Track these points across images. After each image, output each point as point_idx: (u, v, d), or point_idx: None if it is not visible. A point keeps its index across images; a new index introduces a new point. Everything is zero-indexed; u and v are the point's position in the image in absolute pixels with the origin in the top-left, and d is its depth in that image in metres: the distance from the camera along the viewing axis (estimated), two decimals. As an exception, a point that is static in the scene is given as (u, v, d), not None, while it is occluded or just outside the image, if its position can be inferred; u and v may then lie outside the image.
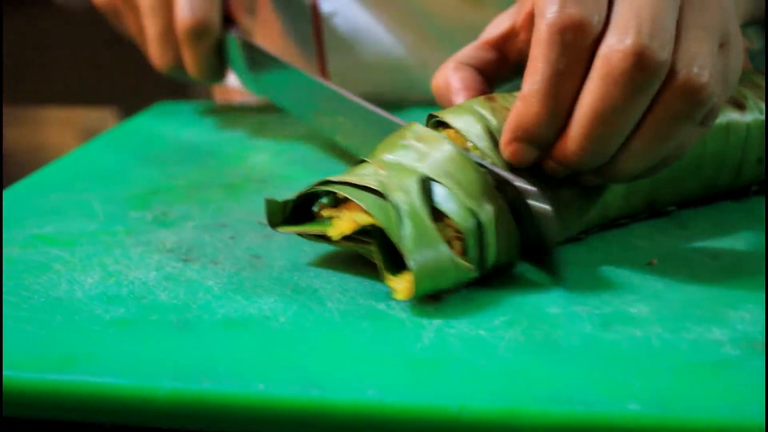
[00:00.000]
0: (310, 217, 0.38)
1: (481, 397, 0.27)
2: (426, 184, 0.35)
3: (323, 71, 0.67)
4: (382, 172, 0.36)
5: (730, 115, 0.42)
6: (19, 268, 0.38)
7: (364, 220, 0.35)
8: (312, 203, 0.39)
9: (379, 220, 0.34)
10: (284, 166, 0.52)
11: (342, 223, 0.36)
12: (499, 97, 0.39)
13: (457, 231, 0.34)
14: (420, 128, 0.38)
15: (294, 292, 0.35)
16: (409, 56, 0.66)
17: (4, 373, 0.29)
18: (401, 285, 0.34)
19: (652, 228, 0.41)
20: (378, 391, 0.28)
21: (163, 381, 0.29)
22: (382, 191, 0.35)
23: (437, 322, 0.32)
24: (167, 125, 0.63)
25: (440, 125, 0.39)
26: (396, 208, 0.34)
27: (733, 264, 0.37)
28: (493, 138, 0.37)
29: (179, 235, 0.41)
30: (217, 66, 0.60)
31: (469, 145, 0.37)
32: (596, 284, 0.35)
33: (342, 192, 0.36)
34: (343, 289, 0.35)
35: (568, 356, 0.30)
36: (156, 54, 0.59)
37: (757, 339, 0.30)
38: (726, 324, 0.32)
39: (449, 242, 0.34)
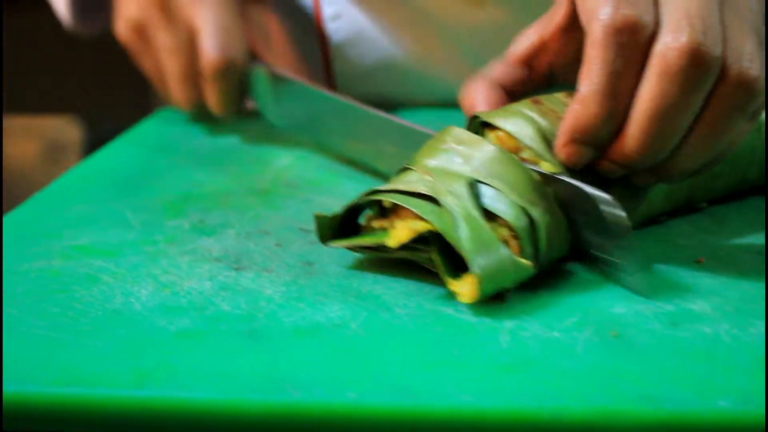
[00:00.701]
0: (356, 229, 0.38)
1: (573, 398, 0.28)
2: (474, 187, 0.35)
3: (328, 75, 0.67)
4: (428, 177, 0.36)
5: None
6: (67, 281, 0.37)
7: (421, 226, 0.35)
8: (357, 215, 0.39)
9: (437, 226, 0.34)
10: (311, 171, 0.52)
11: (399, 232, 0.36)
12: (545, 99, 0.40)
13: (511, 230, 0.35)
14: (459, 131, 0.38)
15: (357, 298, 0.35)
16: (412, 57, 0.66)
17: (80, 390, 0.29)
18: (465, 288, 0.34)
19: (691, 225, 0.42)
20: (472, 396, 0.28)
21: (248, 393, 0.28)
22: (434, 196, 0.35)
23: (509, 325, 0.32)
24: (177, 132, 0.62)
25: (485, 127, 0.39)
26: (450, 212, 0.34)
27: (779, 260, 0.38)
28: (546, 139, 0.37)
29: (222, 243, 0.41)
30: (239, 102, 0.59)
31: (522, 147, 0.37)
32: (652, 282, 0.36)
33: (395, 200, 0.36)
34: (406, 294, 0.35)
35: (645, 355, 0.30)
36: (178, 93, 0.59)
37: (823, 333, 0.31)
38: (788, 319, 0.32)
39: (505, 242, 0.34)
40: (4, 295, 0.35)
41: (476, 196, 0.35)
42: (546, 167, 0.37)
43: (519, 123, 0.38)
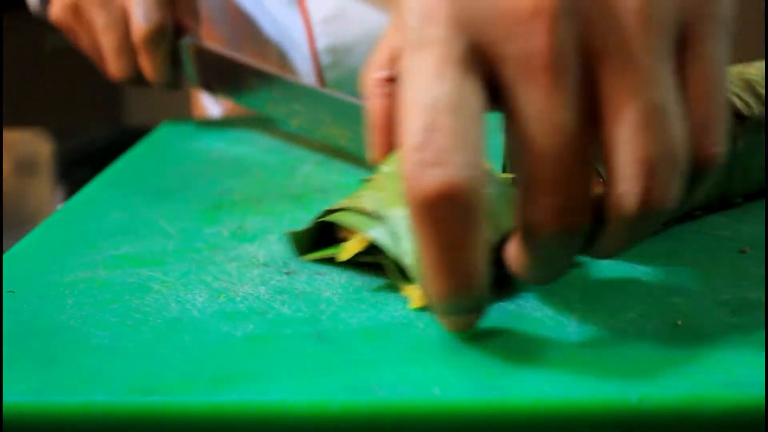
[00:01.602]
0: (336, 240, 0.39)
1: (657, 386, 0.28)
2: None
3: (314, 53, 0.69)
4: (380, 190, 0.36)
5: None
6: (118, 290, 0.37)
7: (369, 239, 0.36)
8: (334, 226, 0.39)
9: (377, 242, 0.35)
10: (336, 175, 0.52)
11: (350, 245, 0.37)
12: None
13: None
14: None
15: (417, 297, 0.35)
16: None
17: (157, 398, 0.29)
18: (416, 293, 0.34)
19: (728, 218, 0.42)
20: (554, 387, 0.28)
21: (331, 395, 0.28)
22: (377, 211, 0.35)
23: (574, 318, 0.33)
24: (191, 142, 0.62)
25: None
26: (393, 226, 0.34)
27: (821, 247, 0.38)
28: None
29: (266, 248, 0.41)
30: (174, 72, 0.64)
31: None
32: (703, 274, 0.36)
33: (337, 220, 0.37)
34: (465, 292, 0.35)
35: (716, 343, 0.31)
36: (115, 66, 0.64)
37: None
38: (844, 304, 0.33)
39: None
40: (53, 305, 0.35)
41: None
42: None
43: None
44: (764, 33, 0.41)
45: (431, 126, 0.26)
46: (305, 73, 0.71)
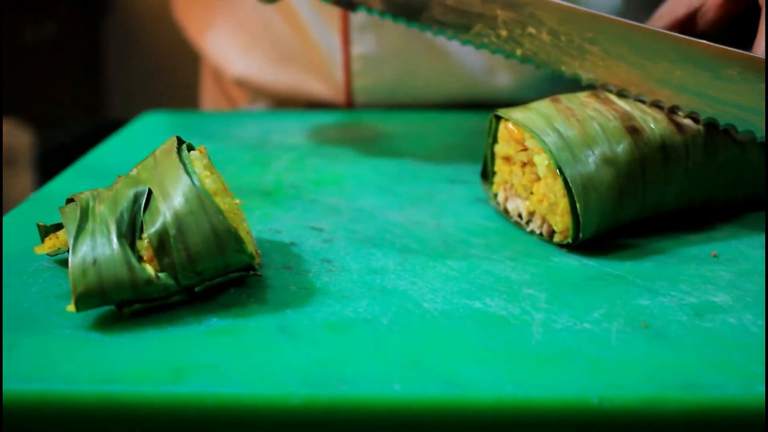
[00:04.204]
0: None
1: (617, 387, 0.28)
2: (140, 197, 0.34)
3: (347, 59, 0.66)
4: (104, 190, 0.36)
5: None
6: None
7: (59, 241, 0.37)
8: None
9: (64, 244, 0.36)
10: (310, 172, 0.52)
11: (45, 243, 0.37)
12: (564, 98, 0.40)
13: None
14: (167, 143, 0.36)
15: (383, 294, 0.35)
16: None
17: (120, 387, 0.28)
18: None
19: (702, 222, 0.42)
20: (516, 386, 0.28)
21: (292, 388, 0.28)
22: (84, 211, 0.34)
23: (539, 317, 0.33)
24: (167, 133, 0.61)
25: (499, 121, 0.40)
26: (90, 226, 0.34)
27: (788, 253, 0.39)
28: (557, 131, 0.38)
29: (236, 242, 0.40)
30: None
31: (527, 136, 0.39)
32: (671, 277, 0.36)
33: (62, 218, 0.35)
34: (432, 289, 0.35)
35: (679, 345, 0.31)
36: None
37: (843, 321, 0.32)
38: (807, 309, 0.33)
39: (143, 255, 0.33)
40: (18, 293, 0.35)
41: (137, 207, 0.34)
42: (538, 160, 0.38)
43: (530, 115, 0.39)
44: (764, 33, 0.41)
45: None
46: (333, 75, 0.69)
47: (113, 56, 2.05)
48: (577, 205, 0.37)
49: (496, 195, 0.44)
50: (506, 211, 0.43)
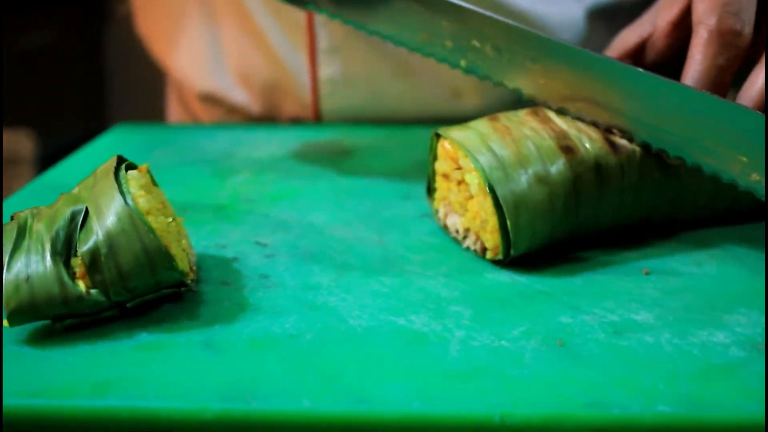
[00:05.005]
0: None
1: (521, 404, 0.29)
2: (77, 215, 0.35)
3: (314, 79, 0.67)
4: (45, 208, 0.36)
5: None
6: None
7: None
8: None
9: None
10: (269, 185, 0.52)
11: None
12: (503, 116, 0.41)
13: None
14: (107, 163, 0.37)
15: (312, 310, 0.35)
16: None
17: (44, 401, 0.29)
18: None
19: (640, 240, 0.43)
20: (423, 402, 0.29)
21: (204, 402, 0.29)
22: (22, 228, 0.35)
23: (459, 335, 0.33)
24: (135, 147, 0.62)
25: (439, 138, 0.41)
26: (27, 243, 0.34)
27: (718, 272, 0.39)
28: (492, 151, 0.39)
29: (180, 257, 0.41)
30: None
31: (461, 154, 0.39)
32: (597, 294, 0.37)
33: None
34: (360, 306, 0.36)
35: (591, 363, 0.31)
36: None
37: (758, 341, 0.33)
38: (726, 328, 0.34)
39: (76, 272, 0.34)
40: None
41: (74, 225, 0.35)
42: (470, 179, 0.39)
43: (467, 134, 0.40)
44: (764, 33, 0.43)
45: None
46: (302, 96, 0.70)
47: (113, 63, 2.07)
48: (508, 223, 0.38)
49: (437, 211, 0.44)
50: (446, 227, 0.44)
